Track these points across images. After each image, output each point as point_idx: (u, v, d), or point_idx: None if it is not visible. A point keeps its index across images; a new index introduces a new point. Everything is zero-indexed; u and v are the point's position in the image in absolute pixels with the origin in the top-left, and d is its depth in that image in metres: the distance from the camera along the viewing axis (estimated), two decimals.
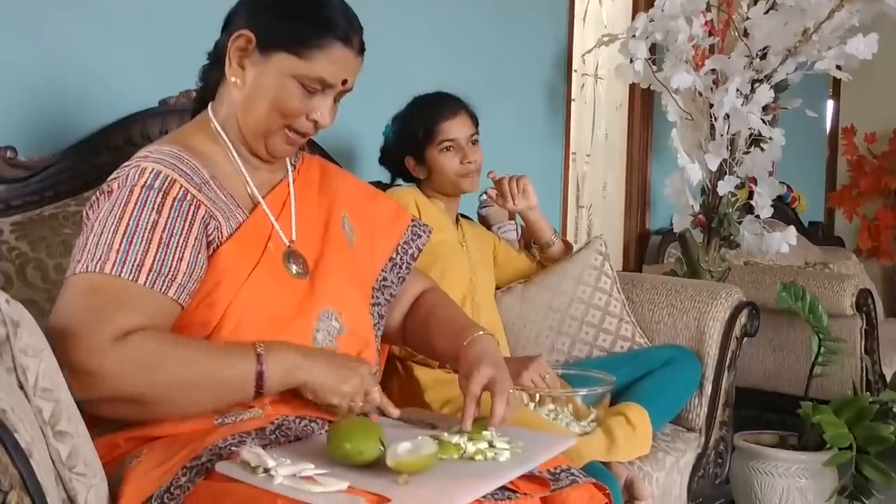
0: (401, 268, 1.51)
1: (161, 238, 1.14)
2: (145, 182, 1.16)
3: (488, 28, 2.82)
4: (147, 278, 1.12)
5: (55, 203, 1.58)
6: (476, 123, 2.05)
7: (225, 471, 1.03)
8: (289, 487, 0.97)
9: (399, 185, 2.13)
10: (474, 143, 2.03)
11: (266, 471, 1.00)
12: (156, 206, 1.15)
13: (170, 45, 1.88)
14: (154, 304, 1.12)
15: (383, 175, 2.18)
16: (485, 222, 2.42)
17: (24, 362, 0.90)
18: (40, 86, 1.69)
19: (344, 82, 1.28)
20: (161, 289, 1.13)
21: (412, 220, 1.56)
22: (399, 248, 1.51)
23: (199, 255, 1.18)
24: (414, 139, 2.02)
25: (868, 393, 2.79)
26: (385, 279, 1.49)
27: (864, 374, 2.92)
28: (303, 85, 1.24)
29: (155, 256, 1.13)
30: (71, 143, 1.65)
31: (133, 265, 1.11)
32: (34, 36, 1.67)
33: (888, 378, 2.60)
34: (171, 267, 1.14)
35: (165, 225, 1.15)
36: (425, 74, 2.47)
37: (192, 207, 1.18)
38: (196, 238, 1.18)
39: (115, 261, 1.10)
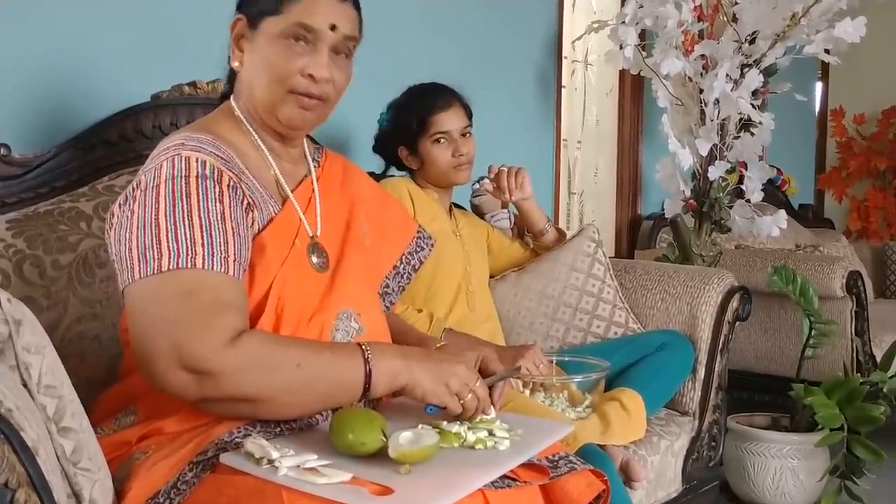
0: (402, 277, 1.53)
1: (233, 227, 1.14)
2: (197, 172, 1.15)
3: (479, 15, 2.82)
4: (234, 269, 1.13)
5: (50, 199, 1.58)
6: (470, 116, 2.05)
7: (229, 462, 1.03)
8: (293, 479, 0.98)
9: (392, 175, 2.14)
10: (467, 135, 2.03)
11: (270, 462, 1.01)
12: (217, 196, 1.15)
13: (161, 39, 1.88)
14: (241, 294, 1.14)
15: (376, 164, 2.18)
16: (478, 211, 2.43)
17: (26, 360, 0.90)
18: (32, 83, 1.68)
19: (333, 28, 1.24)
20: (240, 276, 1.14)
21: (418, 231, 1.58)
22: (403, 257, 1.54)
23: (252, 243, 1.20)
24: (407, 129, 2.02)
25: (858, 374, 2.82)
26: (387, 286, 1.51)
27: (855, 355, 2.95)
28: (290, 42, 1.23)
29: (234, 245, 1.13)
30: (64, 139, 1.65)
31: (221, 257, 1.11)
32: (25, 33, 1.67)
33: (878, 359, 2.62)
34: (245, 255, 1.16)
35: (231, 214, 1.15)
36: (417, 62, 2.47)
37: (241, 195, 1.19)
38: (250, 225, 1.20)
39: (204, 255, 1.10)
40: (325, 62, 1.24)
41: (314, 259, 1.27)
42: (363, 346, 1.14)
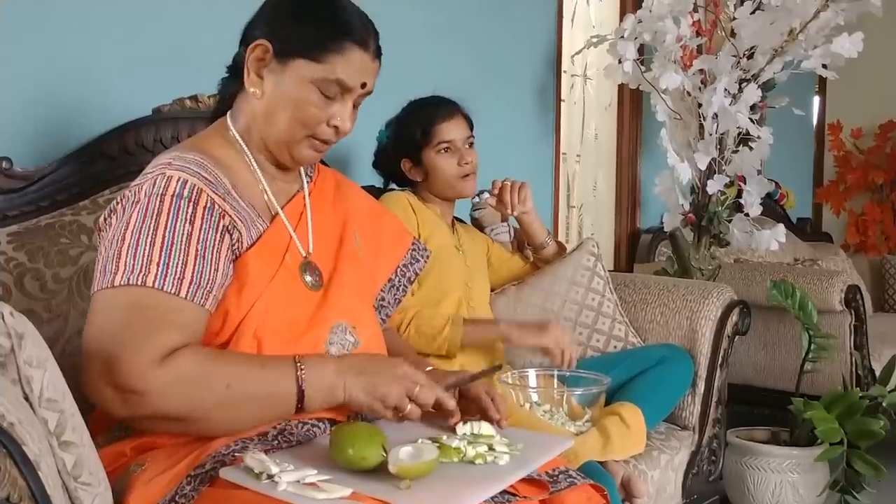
0: (398, 289, 1.53)
1: (197, 250, 1.14)
2: (174, 192, 1.16)
3: (478, 30, 2.84)
4: (188, 291, 1.12)
5: (51, 213, 1.58)
6: (471, 126, 2.07)
7: (229, 477, 1.03)
8: (292, 494, 0.98)
9: (393, 188, 2.14)
10: (470, 145, 2.05)
11: (270, 477, 1.01)
12: (188, 217, 1.15)
13: (163, 53, 1.89)
14: (193, 317, 1.13)
15: (376, 179, 2.19)
16: (477, 224, 2.43)
17: (28, 373, 0.90)
18: (33, 96, 1.69)
19: (363, 86, 1.27)
20: (200, 301, 1.13)
21: (413, 243, 1.58)
22: (398, 269, 1.54)
23: (229, 266, 1.19)
24: (411, 140, 2.03)
25: (858, 388, 2.81)
26: (383, 299, 1.51)
27: (854, 369, 2.94)
28: (321, 91, 1.24)
29: (194, 268, 1.13)
30: (65, 152, 1.65)
31: (174, 278, 1.11)
32: (27, 48, 1.67)
33: (877, 373, 2.62)
34: (208, 279, 1.15)
35: (199, 236, 1.15)
36: (416, 77, 2.48)
37: (220, 217, 1.18)
38: (226, 248, 1.19)
39: (157, 273, 1.10)
40: (349, 115, 1.28)
41: (308, 278, 1.27)
42: (297, 362, 1.15)
